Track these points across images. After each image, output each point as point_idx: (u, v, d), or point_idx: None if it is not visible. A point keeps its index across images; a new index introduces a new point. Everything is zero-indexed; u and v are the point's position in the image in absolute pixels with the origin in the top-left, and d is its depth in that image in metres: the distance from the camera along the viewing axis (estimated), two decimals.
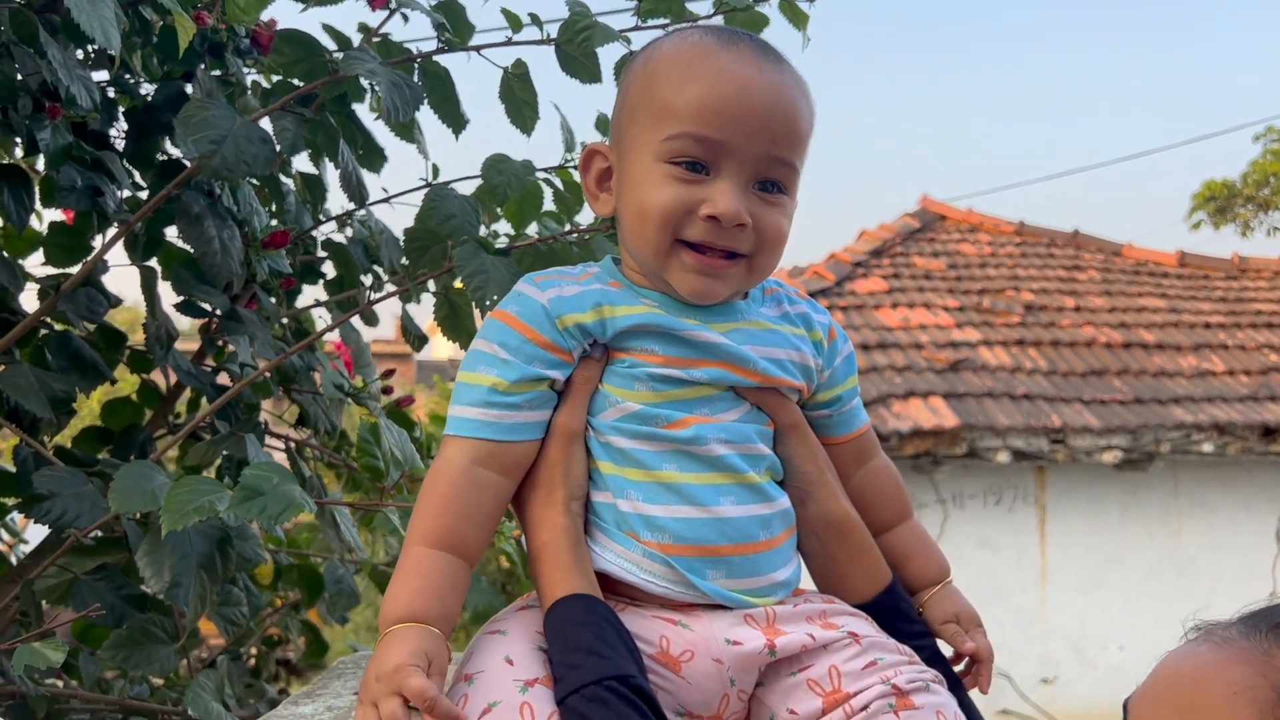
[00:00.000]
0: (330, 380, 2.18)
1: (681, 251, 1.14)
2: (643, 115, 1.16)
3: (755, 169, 1.13)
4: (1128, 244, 10.69)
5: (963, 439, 7.16)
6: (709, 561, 1.13)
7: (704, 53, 1.14)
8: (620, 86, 1.25)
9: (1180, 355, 8.51)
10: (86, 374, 2.04)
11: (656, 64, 1.17)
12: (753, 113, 1.11)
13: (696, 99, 1.11)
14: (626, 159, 1.18)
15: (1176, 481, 8.08)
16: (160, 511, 1.44)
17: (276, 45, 2.03)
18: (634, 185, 1.16)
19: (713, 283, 1.15)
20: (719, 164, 1.12)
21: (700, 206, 1.11)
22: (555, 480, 1.16)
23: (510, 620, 1.15)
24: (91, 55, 2.19)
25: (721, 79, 1.12)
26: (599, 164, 1.24)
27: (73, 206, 2.03)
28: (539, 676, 1.05)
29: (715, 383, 1.17)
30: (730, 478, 1.16)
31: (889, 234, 10.41)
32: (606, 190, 1.23)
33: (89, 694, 1.93)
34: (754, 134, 1.11)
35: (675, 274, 1.15)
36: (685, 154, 1.12)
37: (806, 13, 2.04)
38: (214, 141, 1.73)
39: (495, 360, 1.15)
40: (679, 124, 1.11)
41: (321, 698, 1.47)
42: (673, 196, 1.12)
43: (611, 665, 1.01)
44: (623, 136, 1.20)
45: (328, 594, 2.59)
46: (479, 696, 1.02)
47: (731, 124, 1.11)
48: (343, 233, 2.56)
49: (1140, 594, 7.94)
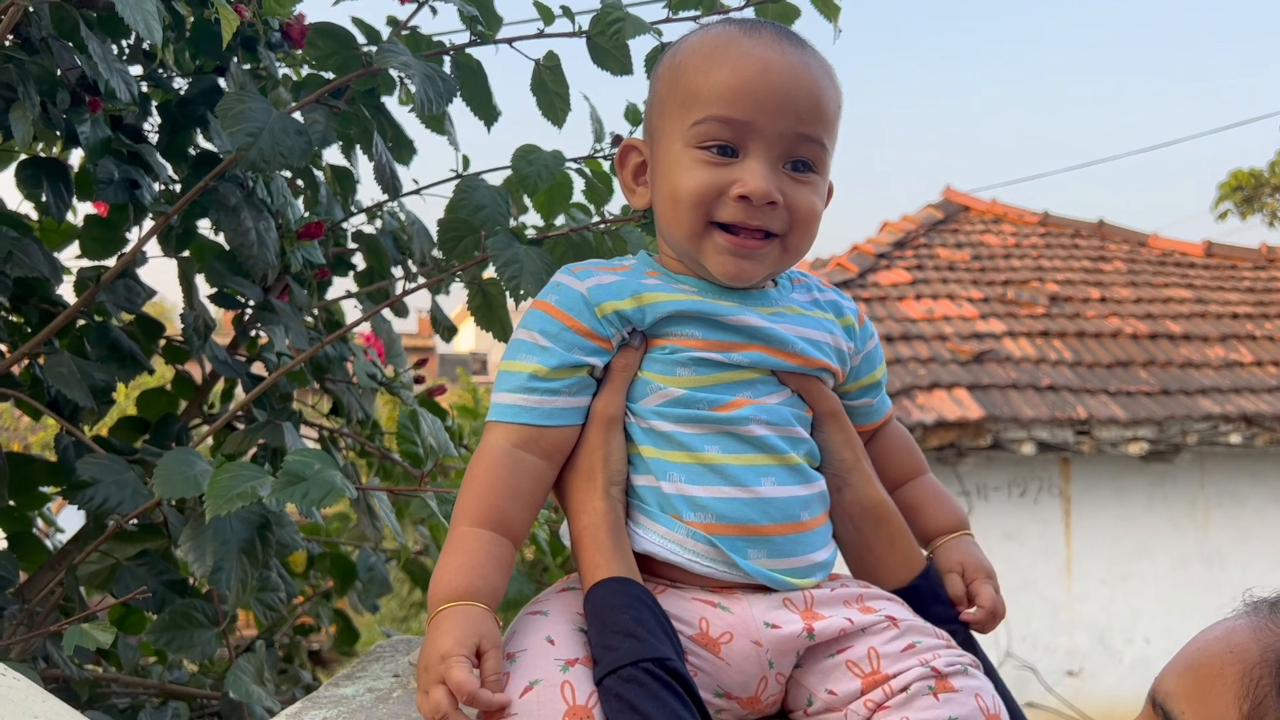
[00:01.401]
0: (364, 370, 2.21)
1: (715, 233, 1.17)
2: (671, 106, 1.19)
3: (784, 148, 1.15)
4: (1153, 234, 10.61)
5: (987, 430, 7.13)
6: (751, 541, 1.15)
7: (727, 41, 1.17)
8: (651, 83, 1.28)
9: (1207, 346, 8.44)
10: (125, 363, 2.07)
11: (682, 56, 1.21)
12: (776, 91, 1.14)
13: (720, 82, 1.14)
14: (658, 149, 1.22)
15: (1204, 473, 8.02)
16: (204, 497, 1.46)
17: (310, 39, 2.05)
18: (666, 173, 1.20)
19: (747, 264, 1.18)
20: (747, 145, 1.15)
21: (731, 187, 1.14)
22: (595, 465, 1.18)
23: (552, 601, 1.17)
24: (126, 50, 2.22)
25: (743, 62, 1.15)
26: (634, 158, 1.28)
27: (110, 199, 2.06)
28: (579, 657, 1.06)
29: (756, 366, 1.20)
30: (772, 458, 1.18)
31: (912, 225, 10.37)
32: (642, 183, 1.27)
33: (130, 678, 1.97)
34: (779, 112, 1.14)
35: (710, 256, 1.18)
36: (713, 137, 1.15)
37: (838, 4, 2.04)
38: (251, 134, 1.75)
39: (535, 348, 1.18)
40: (704, 108, 1.15)
41: (362, 679, 1.49)
42: (703, 179, 1.15)
43: (647, 647, 1.03)
44: (654, 129, 1.24)
45: (360, 582, 2.62)
46: (521, 675, 1.04)
47: (756, 104, 1.13)
48: (373, 224, 2.58)
49: (1167, 586, 7.89)
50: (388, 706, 1.40)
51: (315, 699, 1.43)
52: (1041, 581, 7.84)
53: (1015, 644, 7.69)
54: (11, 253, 1.94)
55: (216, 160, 2.14)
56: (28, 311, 2.17)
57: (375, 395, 2.46)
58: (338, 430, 2.48)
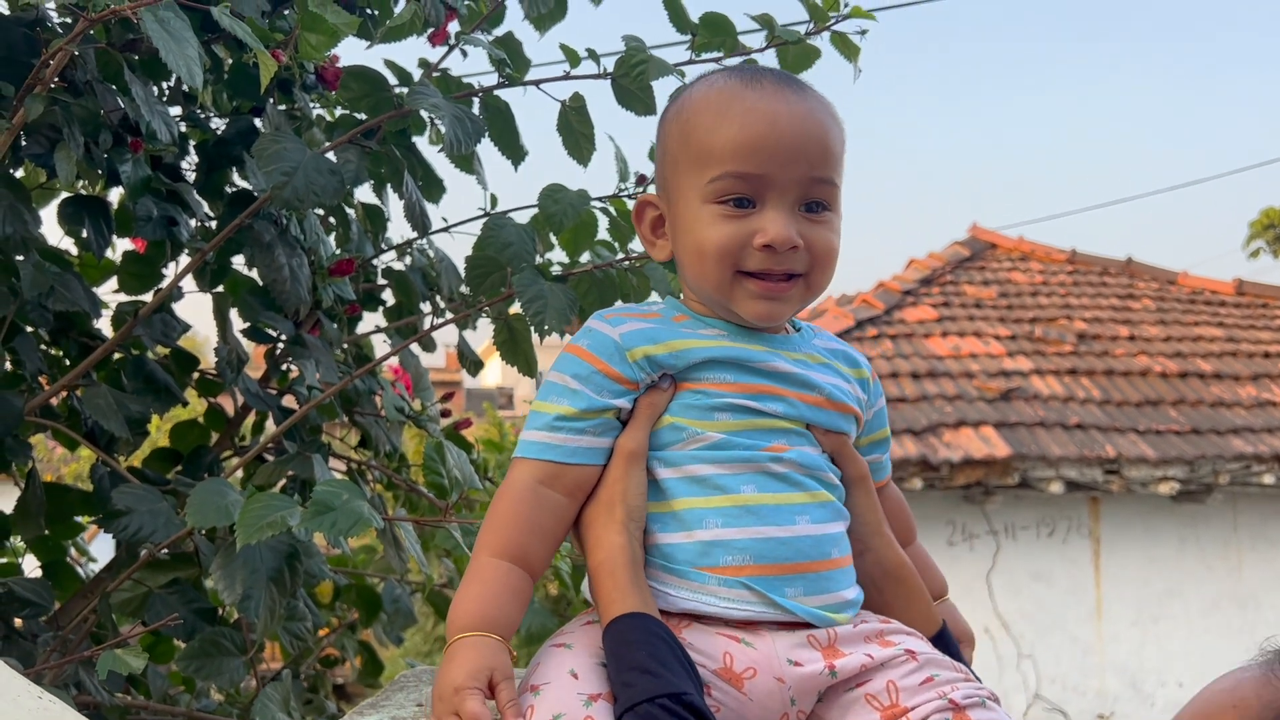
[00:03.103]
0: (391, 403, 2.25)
1: (744, 280, 1.21)
2: (684, 163, 1.23)
3: (798, 193, 1.20)
4: (1183, 272, 10.54)
5: (1014, 469, 7.08)
6: (788, 579, 1.17)
7: (730, 95, 1.22)
8: (659, 138, 1.32)
9: (1239, 385, 8.36)
10: (160, 395, 2.12)
11: (688, 113, 1.25)
12: (785, 142, 1.18)
13: (731, 140, 1.19)
14: (676, 205, 1.26)
15: (1236, 514, 7.91)
16: (235, 526, 1.50)
17: (344, 81, 2.11)
18: (688, 229, 1.23)
19: (776, 305, 1.22)
20: (763, 195, 1.19)
21: (754, 238, 1.18)
22: (614, 499, 1.20)
23: (576, 634, 1.18)
24: (166, 92, 2.29)
25: (751, 118, 1.19)
26: (650, 213, 1.32)
27: (149, 236, 2.13)
28: (602, 692, 1.08)
29: (789, 417, 1.22)
30: (807, 495, 1.20)
31: (939, 262, 10.36)
32: (662, 236, 1.31)
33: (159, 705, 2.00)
34: (791, 161, 1.18)
35: (741, 302, 1.22)
36: (730, 192, 1.19)
37: (858, 45, 2.09)
38: (286, 173, 1.80)
39: (565, 390, 1.22)
40: (719, 166, 1.19)
41: (385, 709, 1.52)
42: (726, 233, 1.19)
43: (664, 683, 1.03)
44: (668, 185, 1.27)
45: (385, 613, 2.64)
46: (545, 708, 1.05)
47: (768, 157, 1.18)
48: (403, 261, 2.63)
49: (1200, 629, 7.77)
50: None
51: None
52: (1071, 623, 7.74)
53: (1044, 686, 7.59)
54: (53, 288, 2.00)
55: (252, 198, 2.20)
56: (67, 345, 2.23)
57: (403, 428, 2.49)
58: (366, 462, 2.52)
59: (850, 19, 2.09)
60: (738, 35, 2.09)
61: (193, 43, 1.57)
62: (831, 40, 2.11)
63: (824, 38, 2.11)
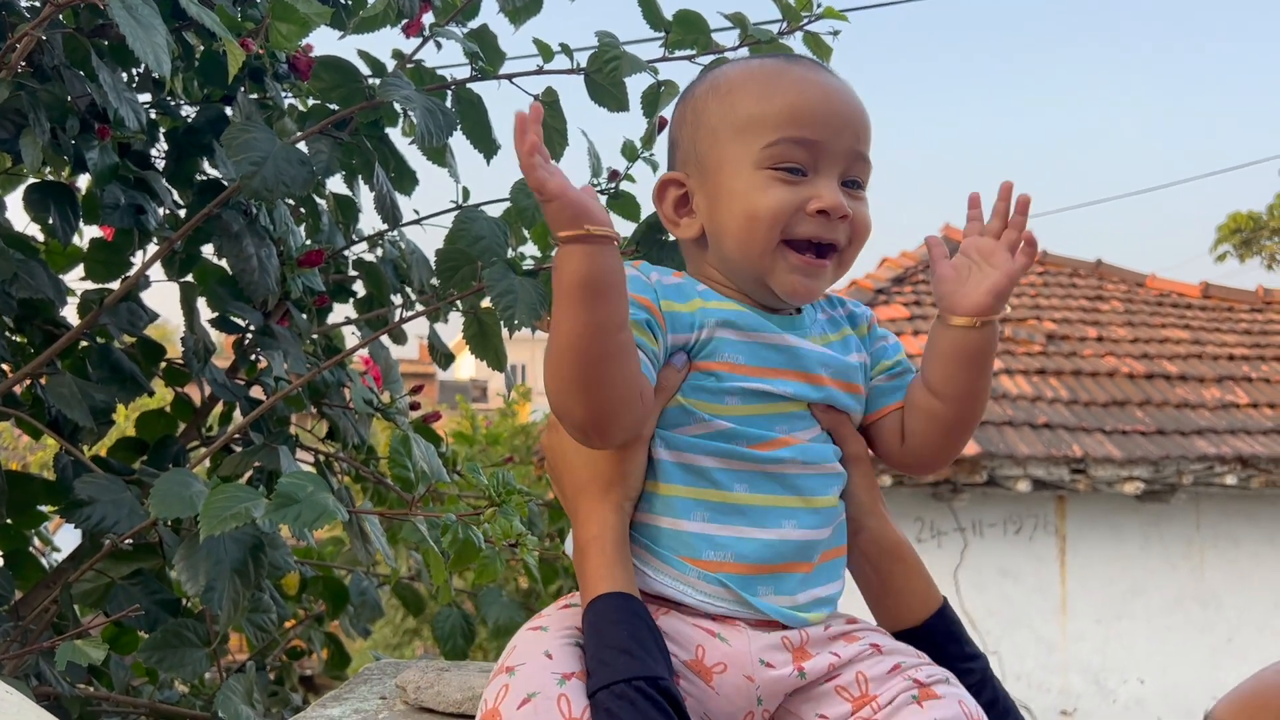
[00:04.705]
0: (360, 395, 2.24)
1: (785, 252, 1.21)
2: (729, 133, 1.23)
3: (845, 165, 1.22)
4: (1151, 275, 10.66)
5: (983, 467, 7.14)
6: (762, 579, 1.18)
7: (777, 70, 1.25)
8: (684, 116, 1.30)
9: (1203, 387, 8.46)
10: (126, 385, 2.11)
11: (728, 86, 1.25)
12: (838, 114, 1.22)
13: (789, 106, 1.20)
14: (716, 177, 1.24)
15: (1199, 514, 8.02)
16: (199, 517, 1.49)
17: (316, 71, 2.10)
18: (736, 196, 1.22)
19: (813, 282, 1.22)
20: (817, 164, 1.20)
21: (808, 203, 1.19)
22: (614, 478, 1.19)
23: (552, 617, 1.20)
24: (135, 78, 2.27)
25: (805, 87, 1.22)
26: (674, 192, 1.29)
27: (116, 224, 2.11)
28: (575, 671, 1.09)
29: (797, 397, 1.22)
30: (799, 500, 1.21)
31: (911, 261, 10.42)
32: (686, 214, 1.28)
33: (121, 697, 1.98)
34: (842, 132, 1.21)
35: (779, 274, 1.21)
36: (786, 158, 1.20)
37: (830, 45, 2.10)
38: (255, 163, 1.79)
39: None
40: (776, 131, 1.20)
41: (349, 701, 1.52)
42: (781, 197, 1.19)
43: (642, 665, 1.05)
44: (703, 159, 1.25)
45: (352, 605, 2.64)
46: (519, 688, 1.07)
47: (823, 125, 1.20)
48: (374, 253, 2.63)
49: (1162, 626, 7.87)
50: None
51: (303, 718, 1.45)
52: (1036, 620, 7.82)
53: (1009, 682, 7.65)
54: (17, 274, 1.98)
55: (221, 188, 2.19)
56: (31, 332, 2.21)
57: (371, 420, 2.49)
58: (334, 455, 2.51)
59: (823, 19, 2.10)
60: (711, 33, 2.10)
61: (161, 30, 1.55)
62: (804, 40, 2.12)
63: (797, 37, 2.12)
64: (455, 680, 1.48)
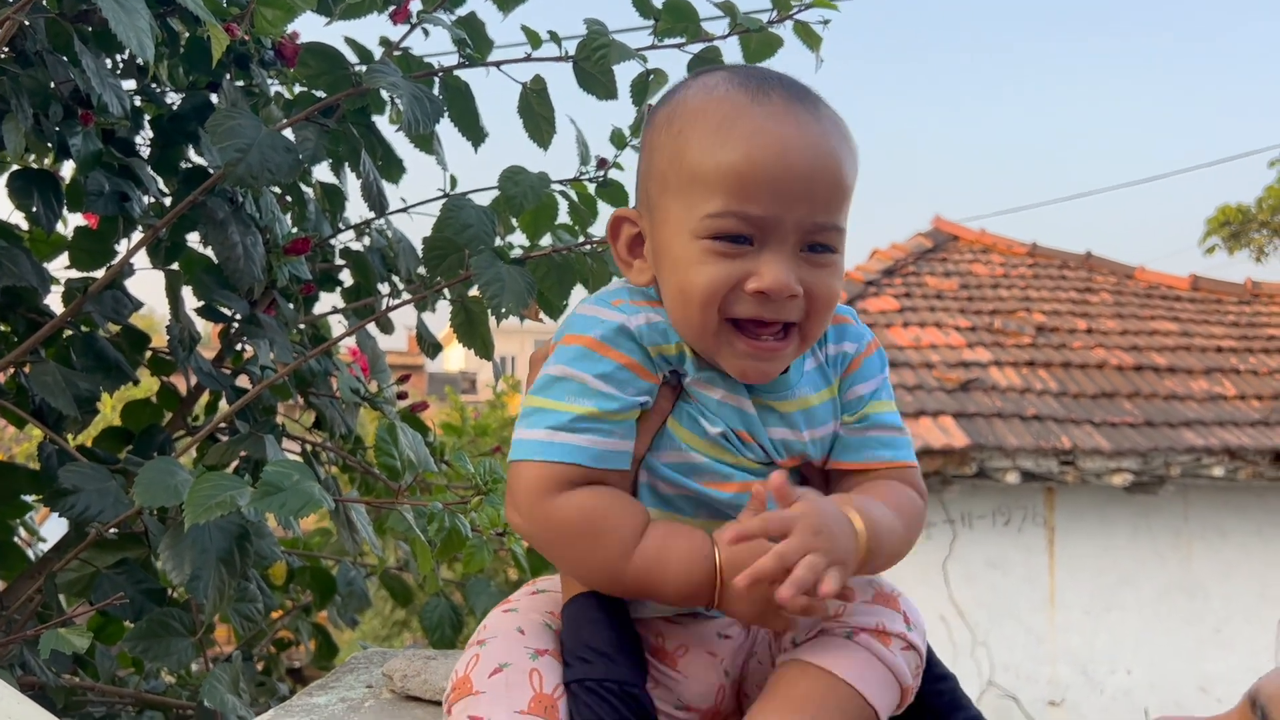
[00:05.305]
0: (347, 384, 2.23)
1: (732, 336, 1.07)
2: (675, 184, 1.08)
3: (801, 235, 1.05)
4: (1140, 267, 10.69)
5: (972, 459, 7.16)
6: None
7: (734, 110, 1.05)
8: (645, 143, 1.16)
9: (1192, 379, 8.49)
10: (110, 374, 2.09)
11: (681, 123, 1.09)
12: (795, 179, 1.03)
13: (732, 169, 1.03)
14: (661, 231, 1.10)
15: (1187, 505, 8.05)
16: (183, 506, 1.48)
17: (302, 58, 2.08)
18: (672, 264, 1.08)
19: (766, 365, 1.09)
20: (764, 236, 1.04)
21: (747, 281, 1.04)
22: None
23: (522, 600, 1.21)
24: (120, 64, 2.25)
25: (758, 143, 1.03)
26: (628, 230, 1.16)
27: (100, 211, 2.09)
28: (549, 649, 1.10)
29: (764, 462, 1.14)
30: None
31: (901, 253, 10.43)
32: (639, 257, 1.15)
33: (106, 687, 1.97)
34: (798, 202, 1.03)
35: (726, 359, 1.09)
36: (727, 231, 1.04)
37: (820, 34, 2.09)
38: (240, 150, 1.78)
39: (587, 390, 1.07)
40: (717, 200, 1.03)
41: (335, 689, 1.51)
42: (715, 275, 1.04)
43: (618, 670, 1.07)
44: (653, 205, 1.12)
45: (339, 596, 2.63)
46: (490, 657, 1.08)
47: (773, 195, 1.03)
48: (361, 241, 2.61)
49: (1150, 617, 7.91)
50: (359, 716, 1.42)
51: (288, 707, 1.44)
52: (1025, 611, 7.85)
53: (998, 673, 7.69)
54: (0, 262, 1.96)
55: (206, 175, 2.17)
56: (15, 320, 2.19)
57: (358, 410, 2.48)
58: (320, 444, 2.50)
59: (813, 8, 2.10)
60: (700, 21, 2.09)
61: (144, 15, 1.54)
62: (794, 29, 2.12)
63: (787, 26, 2.12)
64: (442, 668, 1.48)
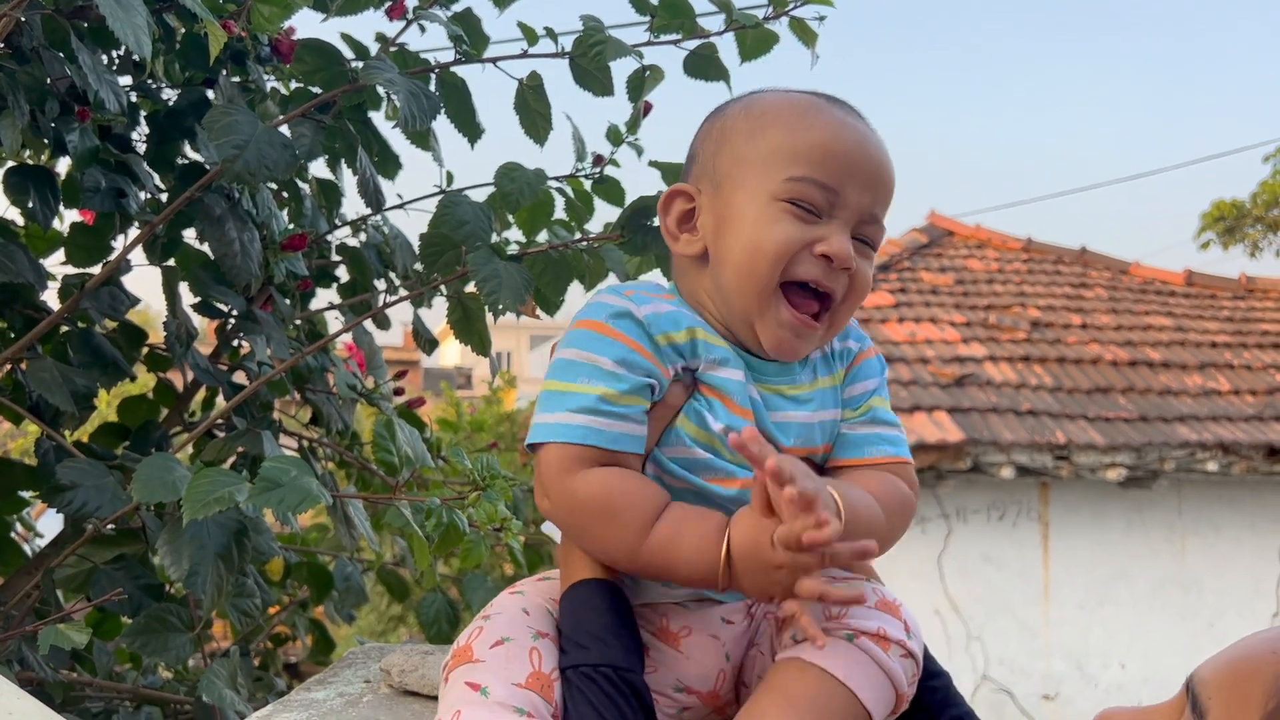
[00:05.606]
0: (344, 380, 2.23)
1: (780, 303, 1.15)
2: (753, 156, 1.17)
3: (858, 220, 1.16)
4: (1135, 262, 10.71)
5: (967, 454, 7.18)
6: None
7: (814, 105, 1.19)
8: (710, 130, 1.24)
9: (1186, 374, 8.52)
10: (107, 370, 2.09)
11: (762, 109, 1.20)
12: (866, 166, 1.16)
13: (819, 145, 1.15)
14: (735, 196, 1.18)
15: (1181, 500, 8.08)
16: (181, 501, 1.49)
17: (298, 54, 2.08)
18: (745, 223, 1.16)
19: (799, 342, 1.17)
20: (832, 210, 1.15)
21: (815, 244, 1.14)
22: None
23: (528, 585, 1.24)
24: (116, 61, 2.25)
25: (841, 130, 1.16)
26: (680, 204, 1.23)
27: (97, 208, 2.09)
28: (550, 633, 1.13)
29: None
30: None
31: (896, 249, 10.45)
32: (689, 230, 1.22)
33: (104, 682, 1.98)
34: (865, 187, 1.16)
35: (767, 324, 1.16)
36: (805, 197, 1.14)
37: (815, 31, 2.09)
38: (237, 146, 1.78)
39: (598, 371, 1.12)
40: (803, 166, 1.14)
41: (333, 684, 1.52)
42: (790, 232, 1.14)
43: (614, 655, 1.08)
44: (723, 176, 1.19)
45: (336, 591, 2.63)
46: (494, 630, 1.12)
47: (849, 174, 1.15)
48: (357, 237, 2.61)
49: (1144, 611, 7.94)
50: (357, 710, 1.43)
51: (286, 702, 1.45)
52: (1019, 605, 7.88)
53: (992, 667, 7.72)
54: None
55: (203, 171, 2.17)
56: (11, 317, 2.19)
57: (355, 406, 2.48)
58: (317, 440, 2.51)
59: (809, 5, 2.10)
60: (696, 18, 2.09)
61: (141, 11, 1.54)
62: (790, 25, 2.12)
63: (782, 23, 2.12)
64: (439, 664, 1.48)
